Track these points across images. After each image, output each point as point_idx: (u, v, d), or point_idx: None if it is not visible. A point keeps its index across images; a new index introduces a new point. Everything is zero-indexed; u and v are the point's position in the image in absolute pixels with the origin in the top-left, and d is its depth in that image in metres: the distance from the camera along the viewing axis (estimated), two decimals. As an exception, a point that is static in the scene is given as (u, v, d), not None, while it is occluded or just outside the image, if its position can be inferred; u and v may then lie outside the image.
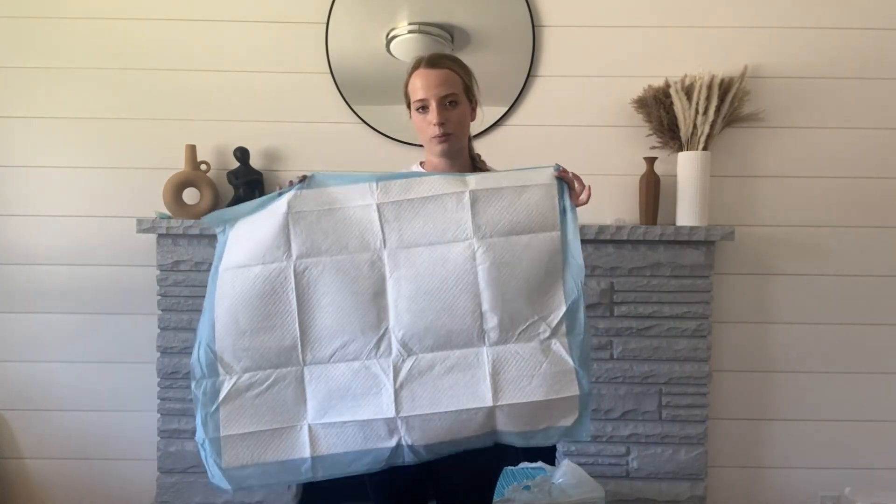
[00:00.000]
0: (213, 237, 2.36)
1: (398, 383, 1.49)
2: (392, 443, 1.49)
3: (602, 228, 2.35)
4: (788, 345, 2.55)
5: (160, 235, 2.39)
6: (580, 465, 2.34)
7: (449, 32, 2.48)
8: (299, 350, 1.53)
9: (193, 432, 2.39)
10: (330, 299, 1.52)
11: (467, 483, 1.61)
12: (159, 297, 2.41)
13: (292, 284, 1.52)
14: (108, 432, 2.57)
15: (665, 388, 2.44)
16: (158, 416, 2.43)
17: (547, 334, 1.50)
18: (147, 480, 2.51)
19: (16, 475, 2.58)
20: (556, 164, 1.57)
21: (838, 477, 2.56)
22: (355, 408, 1.50)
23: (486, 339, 1.50)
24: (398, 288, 1.51)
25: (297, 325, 1.52)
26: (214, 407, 1.51)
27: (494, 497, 1.75)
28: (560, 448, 2.49)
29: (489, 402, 1.47)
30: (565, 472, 2.27)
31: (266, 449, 1.51)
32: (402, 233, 1.52)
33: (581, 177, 1.55)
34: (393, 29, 2.48)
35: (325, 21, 2.49)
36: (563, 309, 1.51)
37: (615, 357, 2.43)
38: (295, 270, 1.52)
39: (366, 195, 1.53)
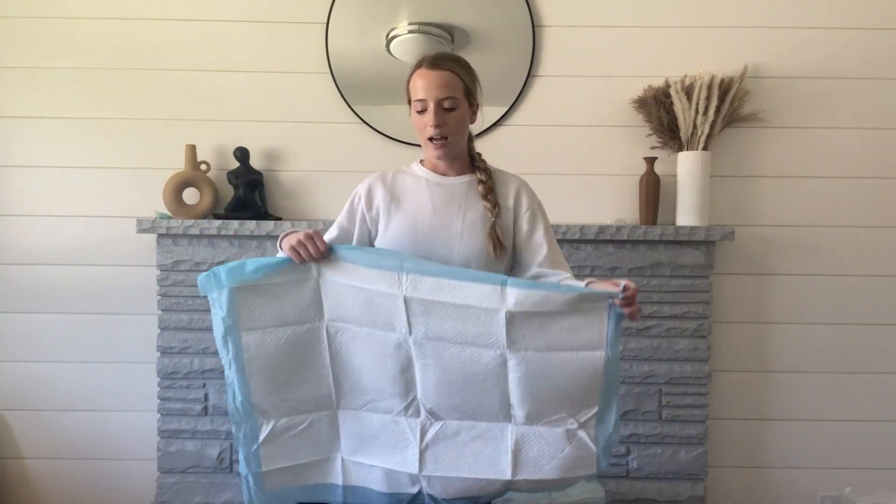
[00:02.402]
0: (213, 237, 2.37)
1: (424, 443, 1.54)
2: (414, 490, 1.56)
3: (602, 228, 2.35)
4: (788, 345, 2.55)
5: (160, 235, 2.39)
6: (580, 465, 2.34)
7: (449, 32, 2.48)
8: (334, 398, 1.59)
9: (193, 432, 2.42)
10: (360, 363, 1.56)
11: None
12: (159, 297, 2.41)
13: (325, 343, 1.56)
14: (108, 432, 2.57)
15: (665, 388, 2.44)
16: (158, 416, 2.43)
17: (575, 427, 1.51)
18: (147, 480, 2.51)
19: (16, 475, 2.58)
20: (621, 292, 1.39)
21: (838, 477, 2.56)
22: (383, 455, 1.57)
23: (512, 420, 1.53)
24: (425, 373, 1.52)
25: (331, 378, 1.58)
26: (255, 447, 1.57)
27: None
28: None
29: (507, 476, 1.52)
30: (565, 472, 2.27)
31: (304, 474, 1.60)
32: (429, 328, 1.48)
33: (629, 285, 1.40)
34: (393, 29, 2.48)
35: (325, 21, 2.49)
36: (595, 409, 1.50)
37: (615, 357, 2.43)
38: (327, 331, 1.55)
39: (392, 284, 1.47)
